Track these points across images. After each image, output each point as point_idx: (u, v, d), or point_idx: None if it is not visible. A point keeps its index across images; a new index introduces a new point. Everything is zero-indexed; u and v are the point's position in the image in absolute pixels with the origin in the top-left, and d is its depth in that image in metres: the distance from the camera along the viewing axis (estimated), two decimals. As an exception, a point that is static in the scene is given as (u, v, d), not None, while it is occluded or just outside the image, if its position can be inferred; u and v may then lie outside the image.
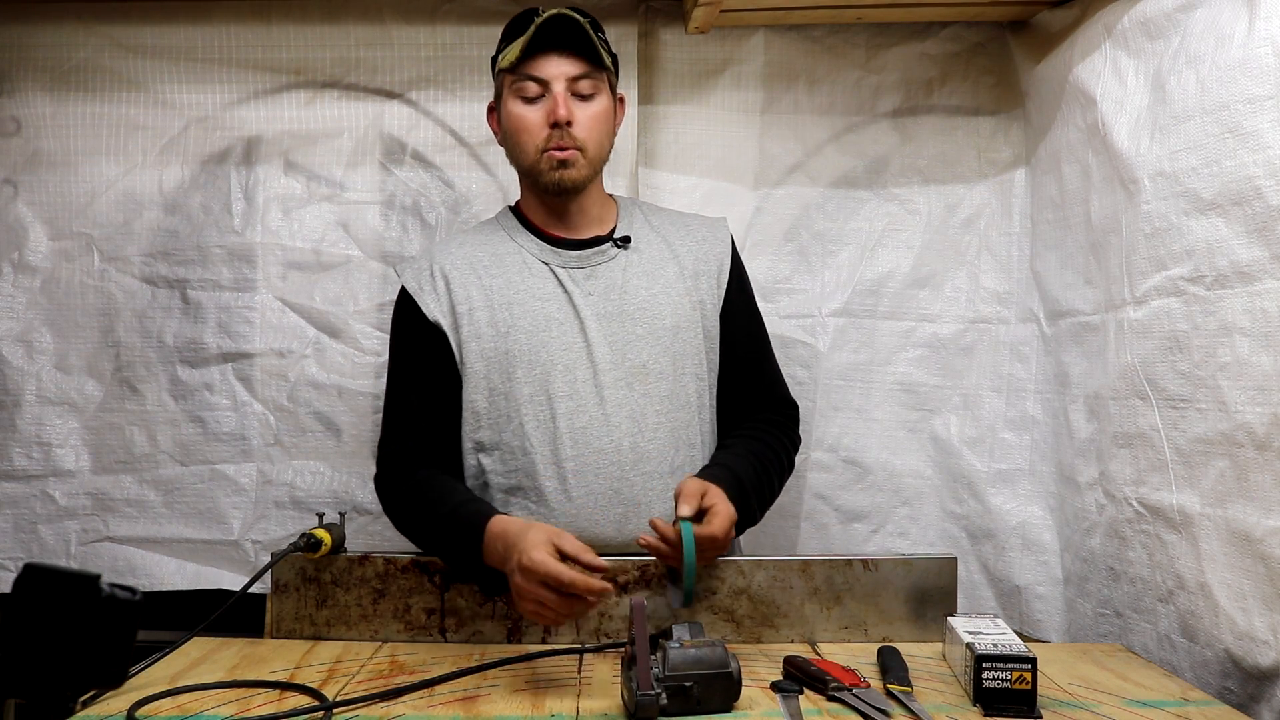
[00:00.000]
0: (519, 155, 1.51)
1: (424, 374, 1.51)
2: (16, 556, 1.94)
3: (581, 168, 1.48)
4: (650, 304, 1.52)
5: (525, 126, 1.48)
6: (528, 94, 1.47)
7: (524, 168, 1.52)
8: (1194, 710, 1.19)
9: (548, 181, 1.49)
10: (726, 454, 1.51)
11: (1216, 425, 1.33)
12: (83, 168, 1.96)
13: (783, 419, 1.60)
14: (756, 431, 1.55)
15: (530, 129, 1.47)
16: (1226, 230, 1.30)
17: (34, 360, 1.96)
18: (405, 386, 1.52)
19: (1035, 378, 1.91)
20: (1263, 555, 1.24)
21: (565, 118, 1.44)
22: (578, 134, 1.46)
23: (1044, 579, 1.84)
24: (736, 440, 1.54)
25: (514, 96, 1.48)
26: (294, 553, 1.44)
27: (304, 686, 1.24)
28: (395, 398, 1.53)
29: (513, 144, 1.51)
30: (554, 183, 1.49)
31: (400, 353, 1.54)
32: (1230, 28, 1.31)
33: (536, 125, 1.47)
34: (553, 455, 1.47)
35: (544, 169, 1.48)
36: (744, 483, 1.44)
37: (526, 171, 1.52)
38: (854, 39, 1.96)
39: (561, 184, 1.49)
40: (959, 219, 1.98)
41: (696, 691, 1.13)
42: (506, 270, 1.52)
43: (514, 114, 1.49)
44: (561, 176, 1.48)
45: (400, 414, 1.52)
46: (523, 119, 1.48)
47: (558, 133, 1.46)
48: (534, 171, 1.50)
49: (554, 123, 1.45)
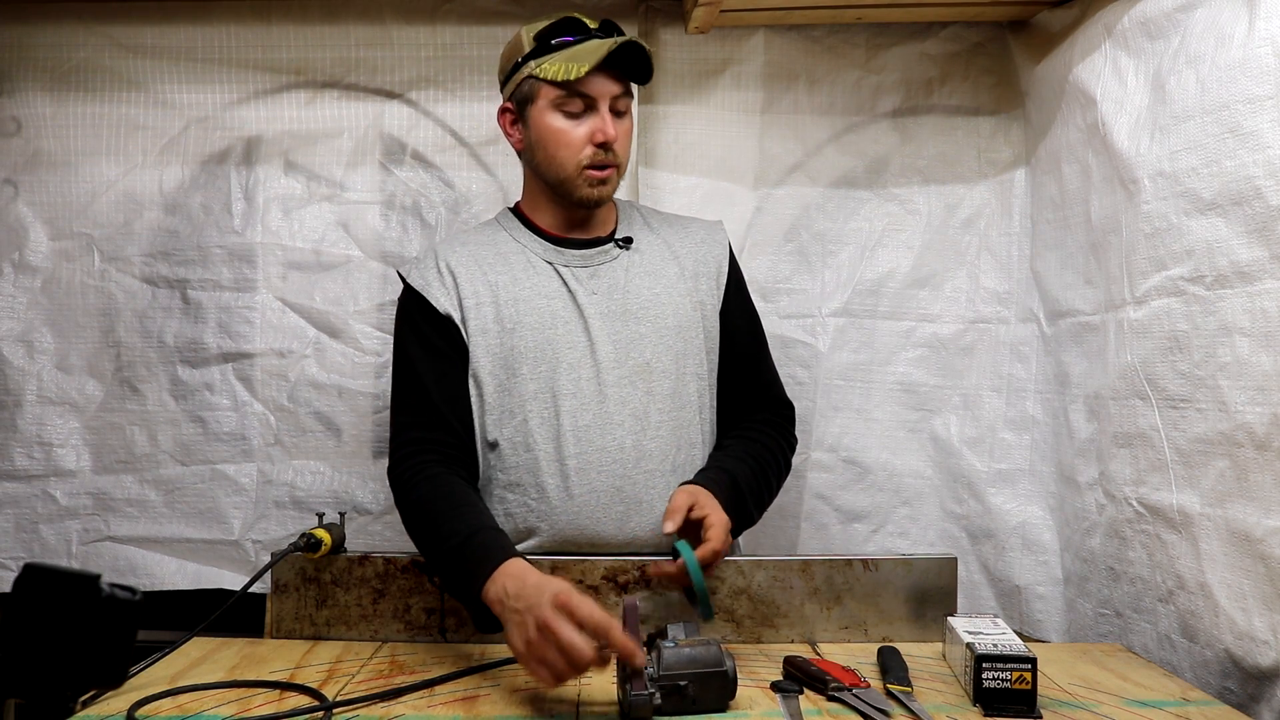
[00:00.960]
0: (553, 168, 1.49)
1: (436, 366, 1.49)
2: (17, 556, 1.94)
3: (614, 184, 1.51)
4: (653, 303, 1.52)
5: (568, 142, 1.47)
6: (572, 110, 1.46)
7: (557, 180, 1.50)
8: (1194, 710, 1.19)
9: (583, 197, 1.49)
10: (722, 455, 1.51)
11: (1216, 425, 1.33)
12: (83, 168, 1.96)
13: (779, 419, 1.60)
14: (752, 432, 1.55)
15: (573, 145, 1.47)
16: (1226, 230, 1.30)
17: (35, 360, 1.96)
18: (418, 379, 1.48)
19: (1035, 378, 1.91)
20: (1263, 555, 1.24)
21: (614, 138, 1.45)
22: (618, 150, 1.48)
23: (1044, 579, 1.84)
24: (733, 441, 1.54)
25: (555, 110, 1.47)
26: (294, 553, 1.44)
27: (304, 686, 1.24)
28: (408, 389, 1.50)
29: (546, 155, 1.49)
30: (591, 199, 1.49)
31: (410, 348, 1.51)
32: (1230, 28, 1.31)
33: (579, 142, 1.46)
34: (555, 452, 1.47)
35: (581, 184, 1.48)
36: (740, 484, 1.44)
37: (559, 184, 1.50)
38: (854, 39, 1.96)
39: (600, 201, 1.50)
40: (959, 219, 1.98)
41: (692, 691, 1.13)
42: (512, 268, 1.52)
43: (555, 128, 1.47)
44: (600, 194, 1.49)
45: (415, 404, 1.48)
46: (565, 134, 1.47)
47: (602, 152, 1.46)
48: (569, 185, 1.49)
49: (601, 142, 1.45)
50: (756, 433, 1.55)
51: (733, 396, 1.58)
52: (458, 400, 1.49)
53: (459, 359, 1.49)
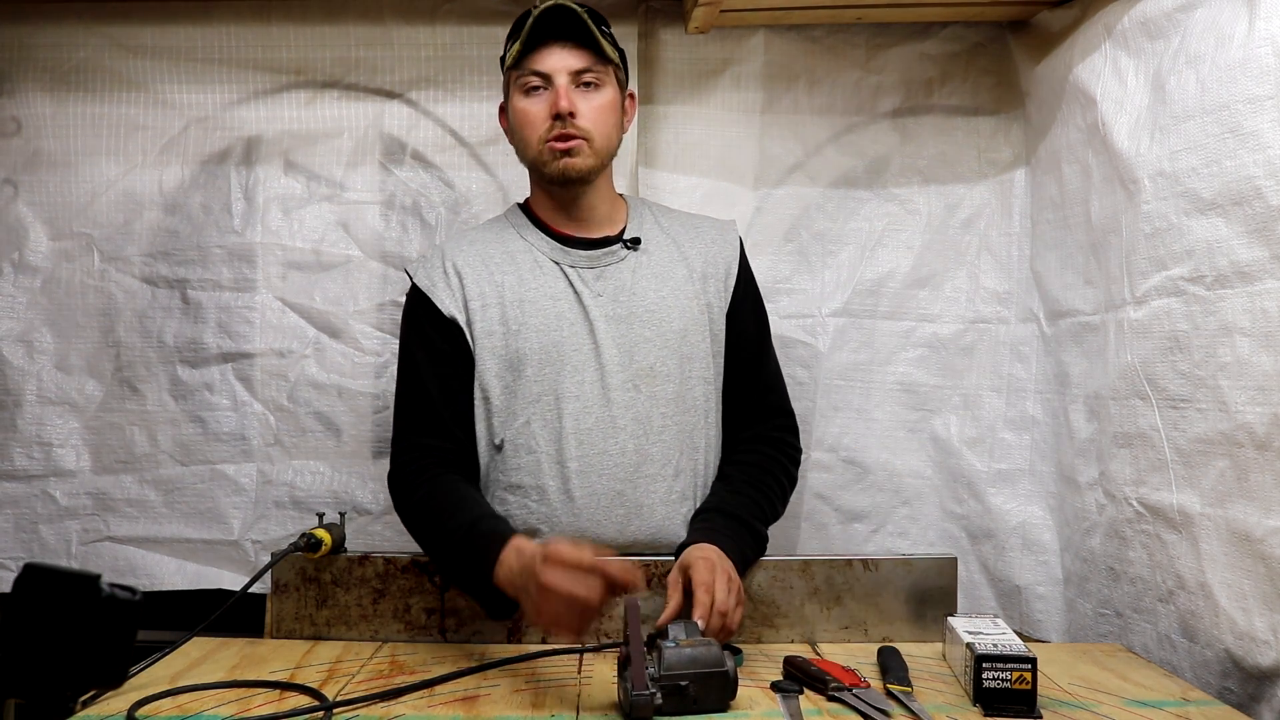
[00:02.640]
0: (524, 148, 1.51)
1: (442, 367, 1.49)
2: (17, 556, 1.94)
3: (587, 156, 1.48)
4: (659, 306, 1.51)
5: (528, 120, 1.48)
6: (532, 86, 1.47)
7: (529, 160, 1.52)
8: (1194, 710, 1.19)
9: (551, 172, 1.48)
10: (725, 491, 1.51)
11: (1216, 425, 1.33)
12: (83, 168, 1.96)
13: (780, 434, 1.59)
14: (754, 456, 1.55)
15: (533, 121, 1.47)
16: (1226, 230, 1.30)
17: (34, 360, 1.96)
18: (421, 382, 1.49)
19: (1035, 378, 1.91)
20: (1263, 555, 1.24)
21: (566, 109, 1.44)
22: (582, 124, 1.46)
23: (1044, 579, 1.84)
24: (734, 469, 1.54)
25: (518, 92, 1.49)
26: (294, 553, 1.44)
27: (304, 686, 1.24)
28: (411, 393, 1.51)
29: (518, 139, 1.52)
30: (558, 172, 1.48)
31: (415, 349, 1.52)
32: (1230, 28, 1.31)
33: (539, 117, 1.47)
34: (557, 455, 1.47)
35: (547, 159, 1.48)
36: (744, 519, 1.45)
37: (532, 164, 1.52)
38: (854, 39, 1.96)
39: (566, 173, 1.48)
40: (959, 219, 1.98)
41: (692, 691, 1.13)
42: (518, 268, 1.52)
43: (518, 108, 1.49)
44: (566, 165, 1.47)
45: (418, 409, 1.49)
46: (525, 112, 1.48)
47: (560, 123, 1.45)
48: (538, 163, 1.50)
49: (556, 114, 1.45)
50: (757, 456, 1.55)
51: (734, 397, 1.58)
52: (460, 405, 1.50)
53: (462, 362, 1.50)
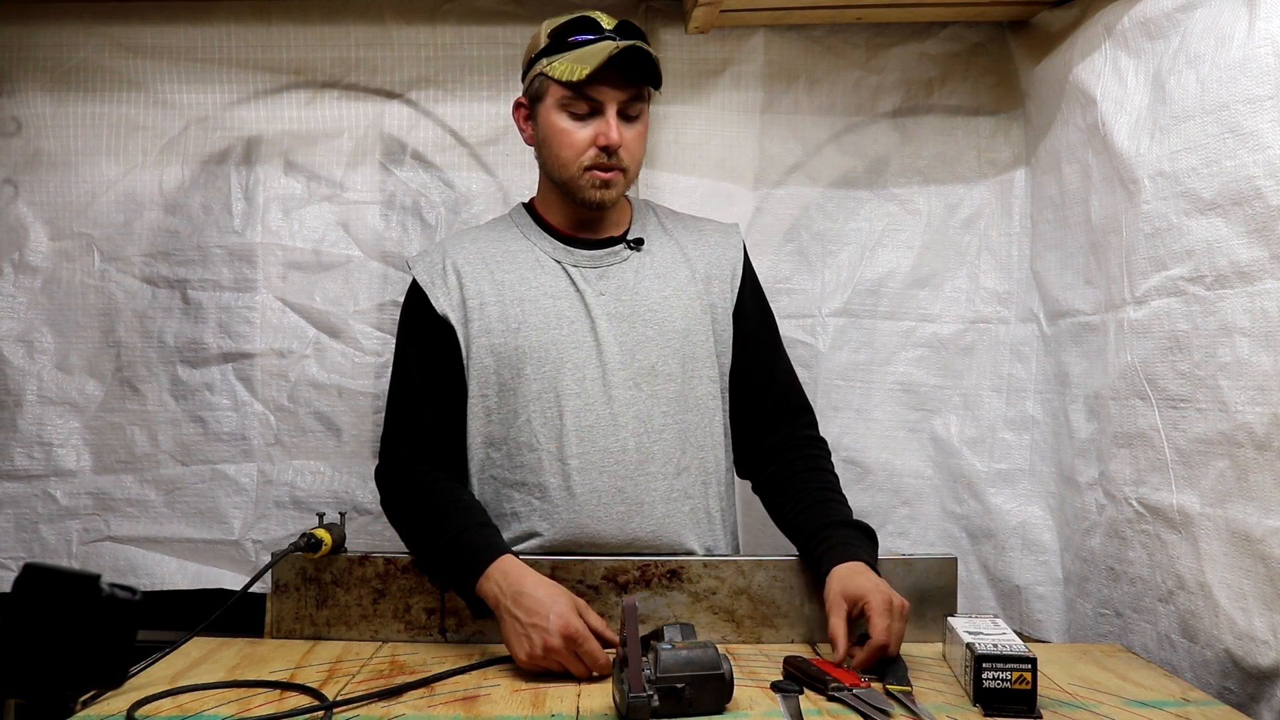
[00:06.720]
0: (557, 167, 1.49)
1: (429, 368, 1.51)
2: (18, 556, 1.94)
3: (620, 187, 1.49)
4: (661, 306, 1.52)
5: (571, 143, 1.46)
6: (578, 111, 1.45)
7: (561, 180, 1.50)
8: (1194, 710, 1.19)
9: (587, 199, 1.48)
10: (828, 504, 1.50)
11: (1216, 425, 1.33)
12: (83, 168, 1.96)
13: (812, 432, 1.61)
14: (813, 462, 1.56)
15: (576, 146, 1.46)
16: (1226, 230, 1.30)
17: (35, 360, 1.96)
18: (410, 380, 1.52)
19: (1035, 378, 1.91)
20: (1263, 555, 1.24)
21: (618, 143, 1.44)
22: (624, 156, 1.46)
23: (1044, 579, 1.84)
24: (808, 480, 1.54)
25: (561, 110, 1.46)
26: (294, 553, 1.44)
27: (304, 686, 1.24)
28: (400, 391, 1.53)
29: (551, 154, 1.49)
30: (594, 201, 1.48)
31: (408, 346, 1.54)
32: (1230, 28, 1.31)
33: (583, 143, 1.45)
34: (558, 452, 1.47)
35: (584, 186, 1.47)
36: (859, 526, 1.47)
37: (563, 184, 1.50)
38: (854, 39, 1.96)
39: (602, 204, 1.49)
40: (959, 219, 1.98)
41: (688, 693, 1.13)
42: (519, 267, 1.52)
43: (560, 128, 1.46)
44: (603, 197, 1.48)
45: (405, 408, 1.52)
46: (569, 135, 1.46)
47: (605, 155, 1.45)
48: (573, 186, 1.48)
49: (604, 146, 1.44)
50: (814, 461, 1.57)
51: (748, 399, 1.58)
52: (449, 405, 1.51)
53: (454, 362, 1.51)
